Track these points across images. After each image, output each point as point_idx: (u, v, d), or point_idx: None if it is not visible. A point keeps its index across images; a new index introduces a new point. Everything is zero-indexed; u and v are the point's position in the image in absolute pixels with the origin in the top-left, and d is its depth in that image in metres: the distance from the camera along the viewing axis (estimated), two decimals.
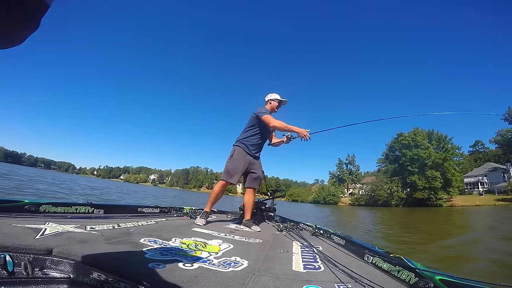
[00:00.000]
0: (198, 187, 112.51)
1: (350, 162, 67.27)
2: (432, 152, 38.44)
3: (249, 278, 0.99)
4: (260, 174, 2.63)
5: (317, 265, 1.29)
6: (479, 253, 4.58)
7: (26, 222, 1.32)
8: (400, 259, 1.22)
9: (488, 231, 7.63)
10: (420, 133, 40.69)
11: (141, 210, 2.48)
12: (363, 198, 47.74)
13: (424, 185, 37.24)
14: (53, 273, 0.93)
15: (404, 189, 41.77)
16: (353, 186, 63.92)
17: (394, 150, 44.10)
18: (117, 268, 0.92)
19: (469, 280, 0.92)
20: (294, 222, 2.82)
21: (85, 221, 1.66)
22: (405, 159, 40.33)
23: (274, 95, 2.72)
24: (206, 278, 0.93)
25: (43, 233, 1.16)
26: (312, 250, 1.60)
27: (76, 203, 1.88)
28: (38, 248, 0.97)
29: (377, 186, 43.78)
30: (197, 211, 3.03)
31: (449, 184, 36.97)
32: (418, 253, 4.58)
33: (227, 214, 3.49)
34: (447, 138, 40.87)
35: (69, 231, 1.28)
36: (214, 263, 1.12)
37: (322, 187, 65.59)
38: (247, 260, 1.24)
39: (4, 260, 0.86)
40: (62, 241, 1.09)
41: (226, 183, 2.57)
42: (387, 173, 44.68)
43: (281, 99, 2.71)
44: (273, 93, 2.74)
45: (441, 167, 37.28)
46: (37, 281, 0.88)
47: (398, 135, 42.92)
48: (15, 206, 1.51)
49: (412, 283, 1.03)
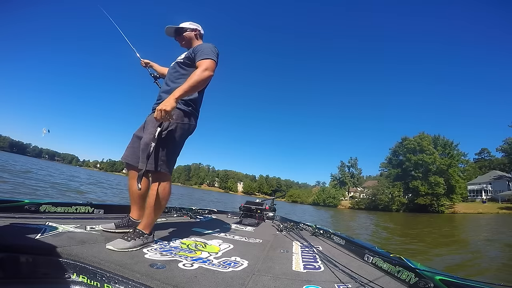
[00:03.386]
0: (199, 184, 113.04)
1: (353, 165, 66.81)
2: (437, 157, 37.97)
3: (249, 278, 1.00)
4: (146, 137, 1.41)
5: (317, 265, 1.29)
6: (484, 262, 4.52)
7: (26, 222, 1.32)
8: (400, 259, 1.22)
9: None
10: (426, 138, 40.16)
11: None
12: (363, 201, 47.41)
13: (426, 191, 36.82)
14: (53, 273, 0.93)
15: (406, 194, 41.40)
16: (355, 189, 63.54)
17: (398, 155, 43.61)
18: (117, 268, 0.92)
19: (469, 280, 0.91)
20: (294, 222, 2.82)
21: (85, 221, 1.66)
22: (408, 164, 39.87)
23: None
24: (206, 278, 0.93)
25: (43, 233, 1.17)
26: (312, 250, 1.60)
27: (76, 203, 1.88)
28: (38, 248, 0.97)
29: (379, 190, 43.42)
30: (197, 211, 3.04)
31: (452, 191, 36.48)
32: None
33: (227, 214, 3.50)
34: (453, 144, 40.35)
35: (69, 231, 1.28)
36: (214, 263, 1.13)
37: (323, 189, 65.32)
38: (247, 260, 1.24)
39: (4, 260, 0.86)
40: (62, 241, 1.09)
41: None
42: (389, 177, 44.28)
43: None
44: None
45: (445, 173, 36.84)
46: (37, 281, 0.88)
47: (403, 139, 42.43)
48: (15, 206, 1.50)
49: (412, 283, 1.03)
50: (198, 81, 1.42)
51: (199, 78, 1.42)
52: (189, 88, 1.39)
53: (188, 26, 1.74)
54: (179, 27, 1.74)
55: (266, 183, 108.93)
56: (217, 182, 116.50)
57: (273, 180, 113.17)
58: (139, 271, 0.91)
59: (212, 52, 1.54)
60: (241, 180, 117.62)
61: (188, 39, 1.75)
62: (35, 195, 5.73)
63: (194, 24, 1.77)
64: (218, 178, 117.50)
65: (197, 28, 1.77)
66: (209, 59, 1.49)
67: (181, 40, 1.76)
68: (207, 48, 1.55)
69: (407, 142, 40.86)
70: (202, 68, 1.45)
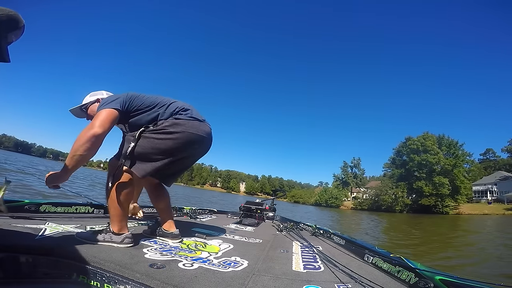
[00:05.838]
0: (202, 184, 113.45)
1: (356, 165, 66.52)
2: (442, 158, 37.54)
3: (249, 278, 0.99)
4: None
5: (317, 265, 1.28)
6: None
7: (26, 222, 1.33)
8: (400, 259, 1.21)
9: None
10: (430, 137, 39.73)
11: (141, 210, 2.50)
12: (366, 202, 47.14)
13: (431, 191, 36.45)
14: (53, 273, 0.93)
15: (409, 195, 41.03)
16: (357, 190, 63.19)
17: (401, 155, 43.25)
18: (117, 268, 0.92)
19: (469, 280, 0.90)
20: (294, 222, 2.82)
21: (85, 221, 1.67)
22: (412, 164, 39.49)
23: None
24: (206, 278, 0.93)
25: (43, 233, 1.17)
26: (312, 250, 1.60)
27: (76, 203, 1.88)
28: (38, 248, 0.98)
29: (382, 190, 43.13)
30: (197, 211, 3.04)
31: (457, 192, 36.04)
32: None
33: (227, 214, 3.51)
34: (458, 144, 39.80)
35: (69, 231, 1.29)
36: (214, 263, 1.13)
37: (325, 189, 65.16)
38: (247, 260, 1.24)
39: (4, 260, 0.87)
40: (62, 241, 1.09)
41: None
42: (392, 177, 43.92)
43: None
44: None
45: (450, 173, 36.41)
46: (37, 281, 0.89)
47: (407, 139, 42.03)
48: (15, 206, 1.51)
49: (412, 283, 1.03)
50: (76, 149, 1.13)
51: (77, 144, 1.13)
52: (68, 160, 1.16)
53: (89, 100, 1.49)
54: (82, 105, 1.49)
55: (268, 183, 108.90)
56: (220, 182, 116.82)
57: (275, 181, 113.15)
58: (139, 271, 0.91)
59: (104, 102, 1.27)
60: (244, 180, 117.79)
61: (93, 115, 1.33)
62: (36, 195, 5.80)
63: (94, 94, 1.51)
64: (220, 178, 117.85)
65: (99, 97, 1.49)
66: (99, 110, 1.23)
67: (88, 118, 1.50)
68: (102, 101, 1.33)
69: (411, 142, 40.46)
70: (86, 128, 1.17)
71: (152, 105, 1.37)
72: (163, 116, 1.37)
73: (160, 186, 1.60)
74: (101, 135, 1.18)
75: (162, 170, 1.37)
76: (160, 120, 1.36)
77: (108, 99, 1.31)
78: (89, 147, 1.15)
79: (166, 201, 1.60)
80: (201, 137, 1.43)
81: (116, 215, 1.25)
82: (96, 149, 1.19)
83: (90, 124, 1.19)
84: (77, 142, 1.14)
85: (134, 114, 1.35)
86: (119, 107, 1.27)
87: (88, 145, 1.15)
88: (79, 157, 1.15)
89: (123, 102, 1.30)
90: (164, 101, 1.42)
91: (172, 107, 1.40)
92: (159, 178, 1.54)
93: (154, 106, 1.38)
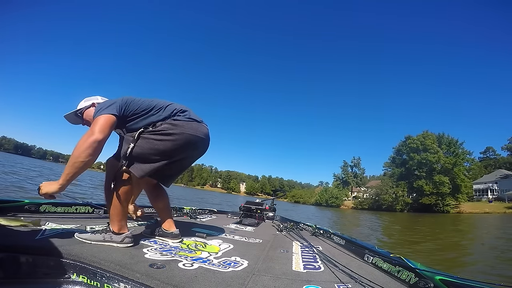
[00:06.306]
0: (202, 184, 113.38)
1: (356, 165, 66.47)
2: (442, 156, 37.47)
3: (249, 278, 0.99)
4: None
5: (317, 265, 1.29)
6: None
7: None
8: (400, 259, 1.21)
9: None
10: (430, 136, 39.66)
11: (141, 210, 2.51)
12: (366, 202, 47.03)
13: (431, 190, 36.38)
14: (53, 273, 0.93)
15: (410, 194, 40.99)
16: (358, 189, 63.15)
17: (401, 154, 43.19)
18: (117, 268, 0.92)
19: (469, 280, 0.90)
20: (294, 222, 2.82)
21: (85, 221, 1.67)
22: (412, 163, 39.44)
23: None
24: (206, 278, 0.93)
25: (43, 233, 1.17)
26: (312, 250, 1.60)
27: (76, 203, 1.89)
28: (38, 248, 0.98)
29: (382, 190, 43.04)
30: (197, 211, 3.04)
31: (457, 190, 35.99)
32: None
33: (227, 214, 3.51)
34: (458, 143, 39.72)
35: (69, 231, 1.29)
36: (214, 263, 1.13)
37: (325, 189, 65.04)
38: (247, 260, 1.24)
39: (4, 260, 0.87)
40: (62, 241, 1.10)
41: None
42: (393, 177, 43.87)
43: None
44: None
45: (450, 172, 36.37)
46: (37, 281, 0.89)
47: (407, 137, 41.97)
48: (15, 206, 1.51)
49: (412, 283, 1.03)
50: (77, 155, 1.14)
51: (77, 150, 1.14)
52: (69, 168, 1.15)
53: (84, 105, 1.48)
54: (77, 111, 1.48)
55: (268, 184, 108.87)
56: (220, 183, 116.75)
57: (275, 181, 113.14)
58: (139, 271, 0.91)
59: (101, 108, 1.26)
60: (244, 181, 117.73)
61: (89, 120, 1.41)
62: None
63: (89, 99, 1.50)
64: (220, 178, 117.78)
65: (94, 102, 1.47)
66: (97, 117, 1.23)
67: (83, 124, 1.50)
68: (98, 106, 1.32)
69: (411, 141, 40.42)
70: (85, 134, 1.18)
71: (148, 109, 1.37)
72: (161, 118, 1.37)
73: (159, 186, 1.60)
74: (102, 141, 1.20)
75: (160, 171, 1.38)
76: (159, 122, 1.36)
77: (104, 105, 1.30)
78: (90, 153, 1.16)
79: (165, 201, 1.61)
80: (200, 138, 1.44)
81: (116, 214, 1.26)
82: (97, 155, 1.20)
83: (90, 130, 1.20)
84: (78, 149, 1.15)
85: (131, 119, 1.35)
86: (116, 112, 1.28)
87: (90, 151, 1.16)
88: (81, 163, 1.16)
89: (119, 107, 1.30)
90: (160, 103, 1.42)
91: (170, 109, 1.41)
92: (157, 179, 1.54)
93: (151, 110, 1.38)
